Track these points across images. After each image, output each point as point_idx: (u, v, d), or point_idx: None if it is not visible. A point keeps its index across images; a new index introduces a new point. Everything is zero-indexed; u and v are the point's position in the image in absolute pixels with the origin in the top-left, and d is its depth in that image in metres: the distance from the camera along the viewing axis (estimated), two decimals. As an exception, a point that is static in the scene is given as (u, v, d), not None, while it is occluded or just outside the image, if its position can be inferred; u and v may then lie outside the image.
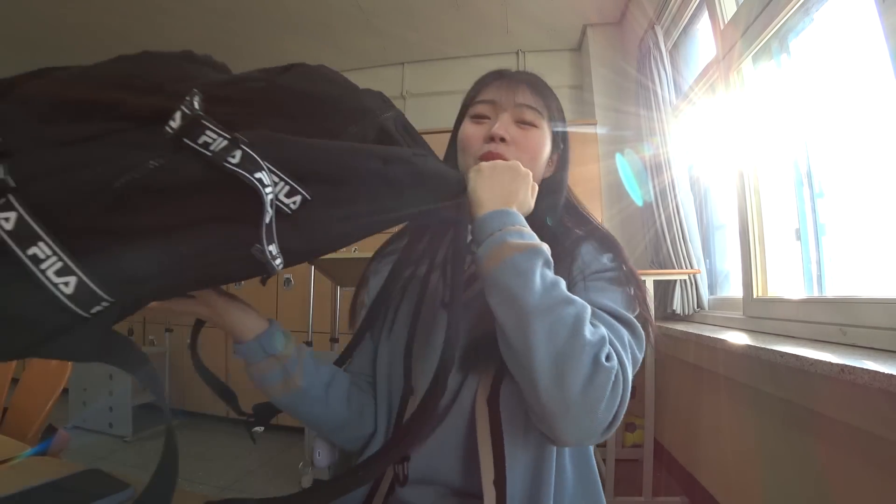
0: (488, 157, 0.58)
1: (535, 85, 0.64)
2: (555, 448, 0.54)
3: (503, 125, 0.60)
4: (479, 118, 0.64)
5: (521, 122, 0.62)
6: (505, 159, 0.57)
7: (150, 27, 2.82)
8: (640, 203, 2.33)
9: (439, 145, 0.62)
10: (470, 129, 0.63)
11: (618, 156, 2.52)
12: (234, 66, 0.47)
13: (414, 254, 0.68)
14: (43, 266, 0.30)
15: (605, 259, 0.60)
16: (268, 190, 0.35)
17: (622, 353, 0.47)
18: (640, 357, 0.54)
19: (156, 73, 0.42)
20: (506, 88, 0.63)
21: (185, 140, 0.35)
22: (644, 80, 2.21)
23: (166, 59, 0.44)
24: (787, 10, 1.30)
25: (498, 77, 0.66)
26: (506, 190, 0.53)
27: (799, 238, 1.38)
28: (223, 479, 2.10)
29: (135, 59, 0.42)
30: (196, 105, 0.37)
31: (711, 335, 1.46)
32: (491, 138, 0.59)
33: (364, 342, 0.68)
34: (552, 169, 0.67)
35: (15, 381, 1.15)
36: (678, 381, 1.91)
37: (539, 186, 0.59)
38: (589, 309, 0.47)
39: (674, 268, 1.95)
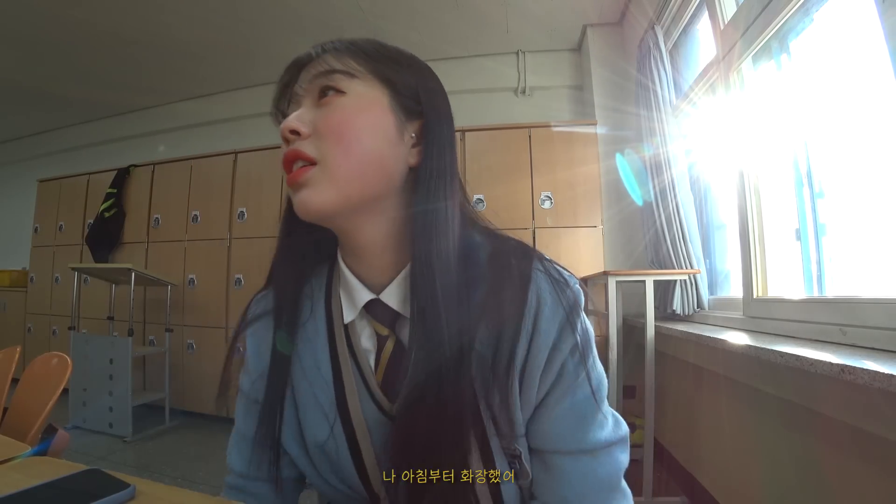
0: (285, 163, 0.45)
1: (340, 47, 0.47)
2: None
3: (297, 115, 0.45)
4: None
5: (324, 97, 0.46)
6: (305, 159, 0.44)
7: (152, 27, 2.82)
8: (640, 203, 2.33)
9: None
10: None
11: (618, 156, 2.52)
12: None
13: (288, 317, 0.51)
14: None
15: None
16: None
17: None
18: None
19: None
20: (299, 69, 0.48)
21: None
22: (644, 80, 2.21)
23: None
24: (786, 11, 1.30)
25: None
26: None
27: (799, 238, 1.38)
28: (223, 479, 2.10)
29: None
30: None
31: (711, 335, 1.46)
32: (284, 138, 0.46)
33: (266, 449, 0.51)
34: (417, 154, 0.48)
35: (15, 381, 1.15)
36: (678, 381, 1.91)
37: (397, 186, 0.47)
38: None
39: (674, 268, 1.95)
